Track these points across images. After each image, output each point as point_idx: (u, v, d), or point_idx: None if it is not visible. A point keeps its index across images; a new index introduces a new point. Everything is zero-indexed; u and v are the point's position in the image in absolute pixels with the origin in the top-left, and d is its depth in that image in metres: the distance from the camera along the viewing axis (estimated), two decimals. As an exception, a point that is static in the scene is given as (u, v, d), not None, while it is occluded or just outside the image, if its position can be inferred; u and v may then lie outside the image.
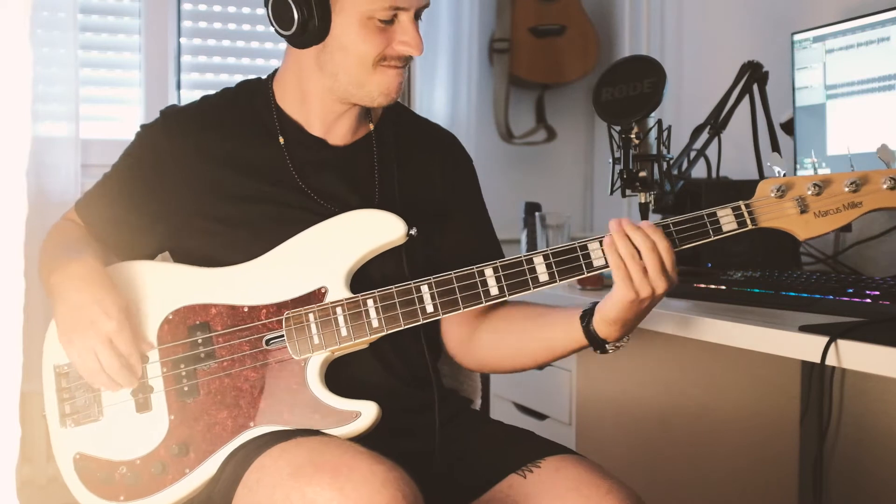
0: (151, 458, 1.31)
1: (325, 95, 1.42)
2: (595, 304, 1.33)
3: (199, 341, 1.34)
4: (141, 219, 1.44)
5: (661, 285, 1.26)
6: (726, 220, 1.29)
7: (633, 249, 1.25)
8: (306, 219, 1.38)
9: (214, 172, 1.42)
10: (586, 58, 2.93)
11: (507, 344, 1.44)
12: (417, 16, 1.37)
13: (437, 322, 1.47)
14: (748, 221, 1.28)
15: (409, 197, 1.45)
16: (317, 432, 1.28)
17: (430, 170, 1.51)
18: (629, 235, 1.26)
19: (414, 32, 1.36)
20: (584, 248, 1.30)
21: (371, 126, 1.49)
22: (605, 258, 1.28)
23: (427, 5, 1.38)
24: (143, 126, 1.50)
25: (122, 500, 1.31)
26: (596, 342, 1.33)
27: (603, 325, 1.31)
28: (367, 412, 1.29)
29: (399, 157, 1.47)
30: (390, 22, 1.35)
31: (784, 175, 1.29)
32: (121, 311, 1.29)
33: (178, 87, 2.64)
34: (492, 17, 2.94)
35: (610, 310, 1.29)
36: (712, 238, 1.29)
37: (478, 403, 1.67)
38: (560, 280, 1.31)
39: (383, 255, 1.37)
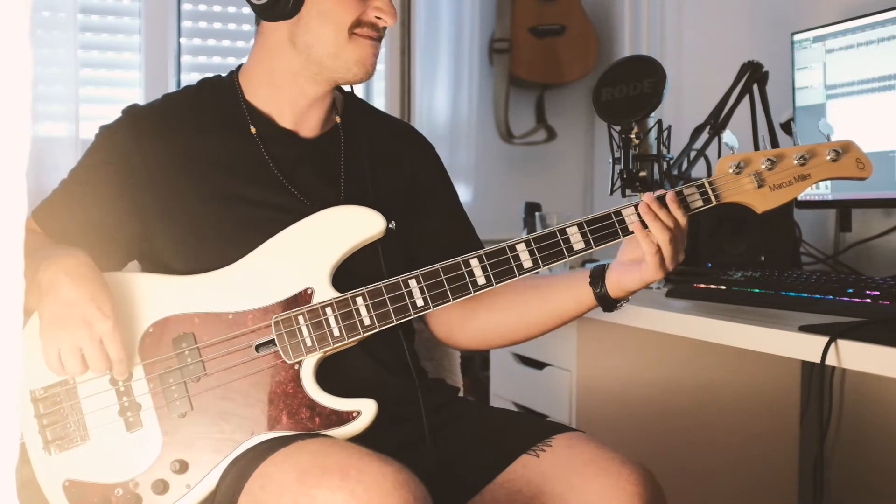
0: (149, 475, 1.26)
1: (297, 76, 1.39)
2: (601, 267, 1.38)
3: (186, 353, 1.29)
4: (108, 224, 1.38)
5: (681, 259, 1.33)
6: (693, 198, 1.33)
7: (668, 235, 1.29)
8: (283, 218, 1.34)
9: (186, 173, 1.37)
10: (586, 58, 2.93)
11: (511, 319, 1.45)
12: None
13: None
14: (712, 198, 1.33)
15: (381, 188, 1.44)
16: (317, 435, 1.26)
17: (398, 161, 1.51)
18: (659, 217, 1.29)
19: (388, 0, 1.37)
20: (564, 232, 1.33)
21: (338, 118, 1.47)
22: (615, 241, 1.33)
23: None
24: (103, 127, 1.44)
25: None
26: (608, 304, 1.38)
27: (620, 293, 1.36)
28: (366, 410, 1.27)
29: (369, 149, 1.46)
30: None
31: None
32: (114, 311, 1.24)
33: (178, 87, 2.64)
34: (492, 18, 2.94)
35: (634, 285, 1.33)
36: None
37: (460, 390, 1.66)
38: (543, 265, 1.33)
39: (361, 251, 1.35)
